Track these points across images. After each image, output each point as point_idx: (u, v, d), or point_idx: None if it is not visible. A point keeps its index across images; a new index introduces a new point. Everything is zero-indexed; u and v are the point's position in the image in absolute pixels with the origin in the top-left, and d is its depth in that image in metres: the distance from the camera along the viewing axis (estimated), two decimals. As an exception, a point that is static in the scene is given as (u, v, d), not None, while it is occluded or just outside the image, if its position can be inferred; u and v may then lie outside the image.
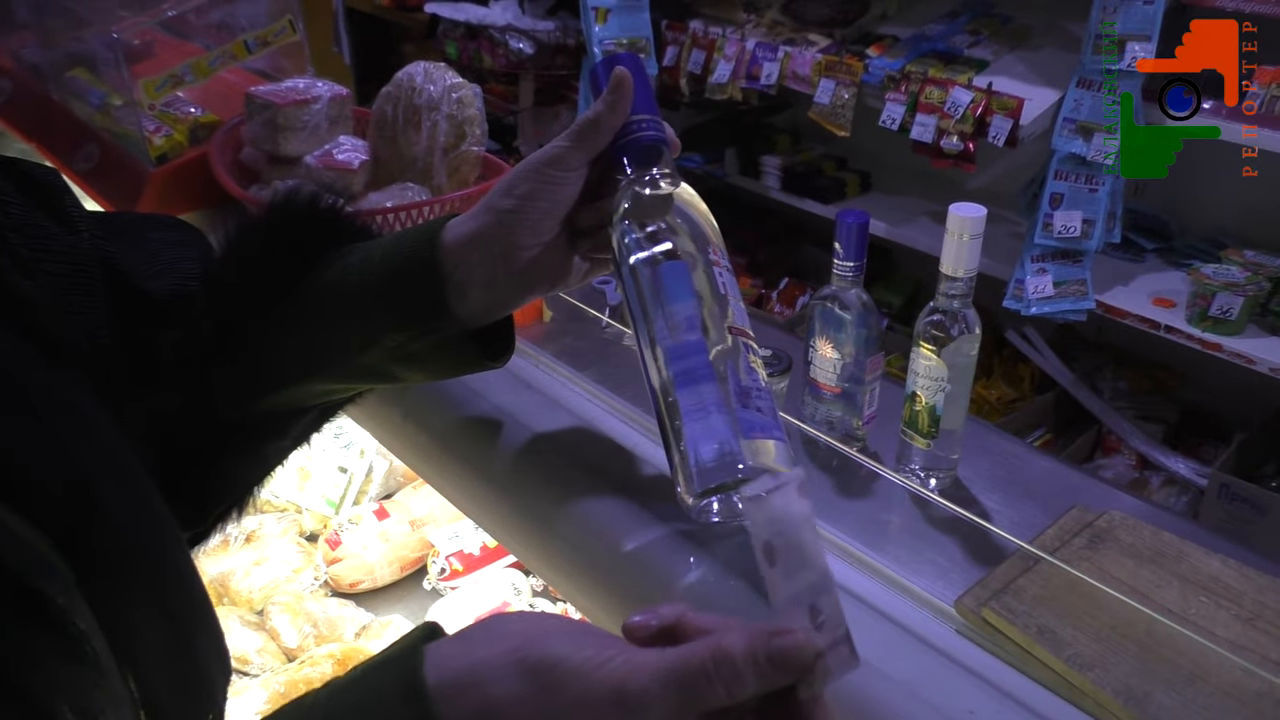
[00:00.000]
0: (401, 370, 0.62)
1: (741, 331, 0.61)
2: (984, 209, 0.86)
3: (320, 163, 0.97)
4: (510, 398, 0.68)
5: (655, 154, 0.62)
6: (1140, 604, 0.76)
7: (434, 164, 0.91)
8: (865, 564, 0.80)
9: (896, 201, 2.40)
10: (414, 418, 0.70)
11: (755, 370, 0.61)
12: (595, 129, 0.60)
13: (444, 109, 0.91)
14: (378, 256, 0.61)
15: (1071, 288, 1.82)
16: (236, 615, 1.13)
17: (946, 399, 0.89)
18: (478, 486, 0.66)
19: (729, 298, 0.61)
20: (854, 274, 0.93)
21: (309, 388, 0.63)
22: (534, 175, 0.60)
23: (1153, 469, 1.90)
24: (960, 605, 0.75)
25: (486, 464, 0.65)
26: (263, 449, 0.67)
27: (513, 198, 0.60)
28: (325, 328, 0.61)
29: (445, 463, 0.68)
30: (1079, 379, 2.06)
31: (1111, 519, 0.85)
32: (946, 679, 0.64)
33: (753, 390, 0.58)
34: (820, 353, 0.96)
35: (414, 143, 0.90)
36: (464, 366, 0.64)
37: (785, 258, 2.84)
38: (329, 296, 0.61)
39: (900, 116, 2.00)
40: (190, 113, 1.16)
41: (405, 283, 0.59)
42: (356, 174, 0.96)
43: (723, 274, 0.62)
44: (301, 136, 1.00)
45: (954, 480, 0.95)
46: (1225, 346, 1.73)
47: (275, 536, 1.26)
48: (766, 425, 0.58)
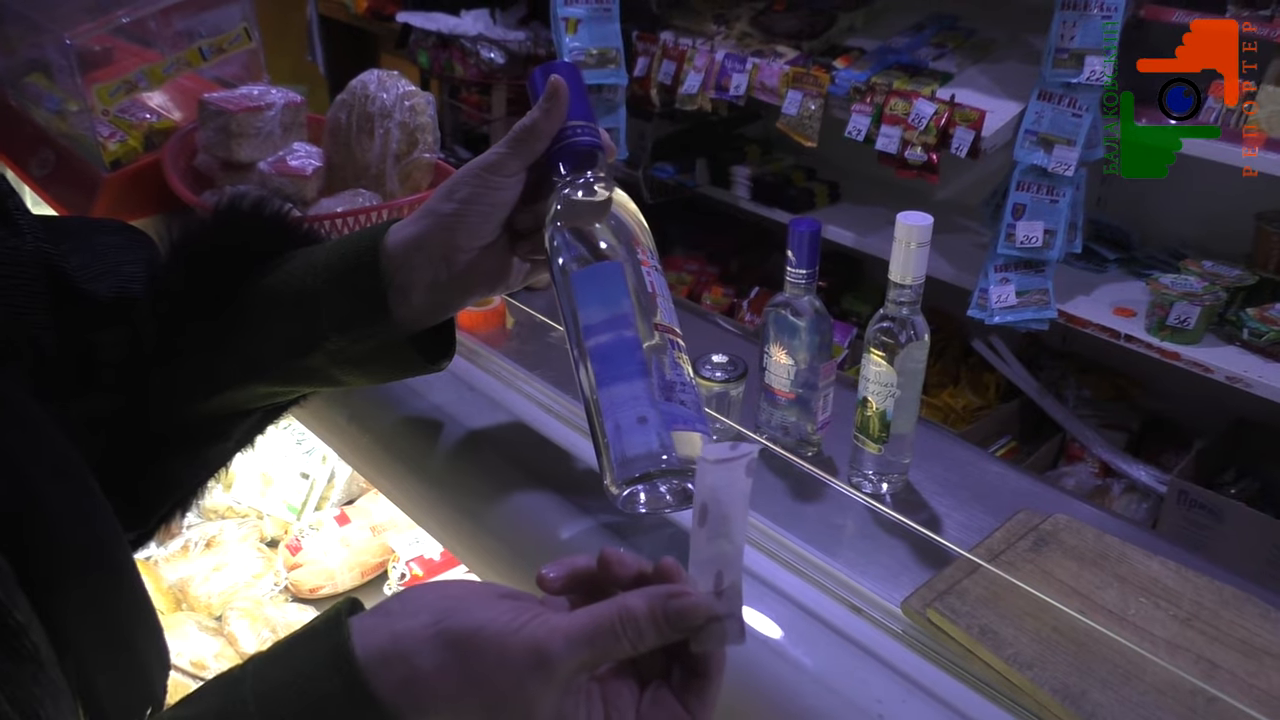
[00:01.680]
0: (342, 373, 0.63)
1: (668, 329, 0.63)
2: (930, 217, 0.87)
3: (274, 169, 0.98)
4: (452, 398, 0.69)
5: (590, 158, 0.64)
6: (1081, 605, 0.78)
7: (386, 170, 0.91)
8: (818, 567, 0.81)
9: (865, 211, 2.42)
10: (359, 420, 0.71)
11: (681, 365, 0.62)
12: (532, 135, 0.62)
13: (396, 116, 0.92)
14: (321, 261, 0.62)
15: (1034, 297, 1.84)
16: (194, 620, 1.12)
17: (897, 404, 0.90)
18: (416, 485, 0.66)
19: (657, 296, 0.63)
20: (807, 281, 0.94)
21: (250, 391, 0.64)
22: (473, 180, 0.61)
23: (1115, 476, 1.93)
24: (906, 606, 0.76)
25: (425, 463, 0.66)
26: (204, 451, 0.68)
27: (453, 202, 0.61)
28: (267, 331, 0.62)
29: (386, 463, 0.69)
30: (1044, 387, 2.08)
31: (1056, 522, 0.86)
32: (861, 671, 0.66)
33: (677, 384, 0.60)
34: (775, 359, 0.97)
35: (367, 149, 0.91)
36: (404, 370, 0.65)
37: (756, 266, 2.85)
38: (271, 300, 0.61)
39: (866, 128, 2.02)
40: (146, 119, 1.16)
41: (347, 286, 0.60)
42: (310, 180, 0.97)
43: (651, 273, 0.63)
44: (255, 143, 1.00)
45: (906, 484, 0.97)
46: (1183, 355, 1.75)
47: (236, 542, 1.25)
48: (690, 418, 0.60)
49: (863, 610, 0.79)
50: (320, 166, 1.00)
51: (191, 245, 0.63)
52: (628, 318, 0.61)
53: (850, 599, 0.79)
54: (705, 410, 0.64)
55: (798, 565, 0.83)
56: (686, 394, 0.61)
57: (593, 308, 0.61)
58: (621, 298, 0.61)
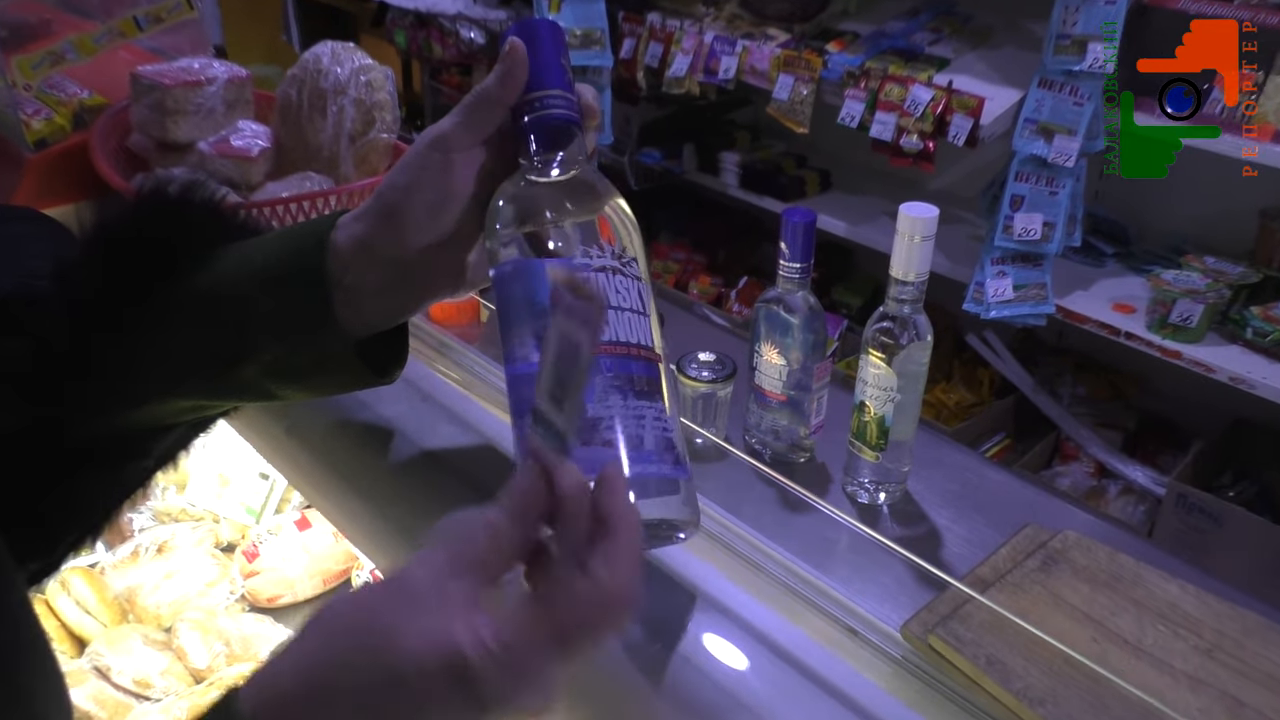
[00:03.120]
0: (278, 387, 0.55)
1: (619, 348, 0.50)
2: (936, 209, 0.81)
3: (215, 150, 0.89)
4: (403, 409, 0.61)
5: (561, 135, 0.54)
6: (1094, 633, 0.72)
7: (340, 152, 0.83)
8: (809, 583, 0.76)
9: (856, 201, 2.37)
10: (298, 433, 0.63)
11: (623, 391, 0.50)
12: (483, 105, 0.52)
13: (351, 93, 0.83)
14: (257, 258, 0.54)
15: (1031, 291, 1.79)
16: (140, 634, 1.05)
17: (896, 409, 0.84)
18: (359, 507, 0.59)
19: (612, 310, 0.51)
20: (801, 276, 0.88)
21: (173, 405, 0.56)
22: (417, 161, 0.52)
23: (1110, 477, 1.88)
24: (907, 631, 0.71)
25: (369, 484, 0.58)
26: (120, 471, 0.59)
27: (396, 190, 0.53)
28: (192, 338, 0.54)
29: (326, 482, 0.61)
30: (1039, 384, 2.03)
31: (1066, 539, 0.81)
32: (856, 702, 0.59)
33: (603, 422, 0.49)
34: (765, 359, 0.91)
35: (319, 129, 0.83)
36: (349, 383, 0.56)
37: (745, 256, 2.80)
38: (198, 303, 0.53)
39: (860, 114, 1.96)
40: (76, 95, 1.07)
41: (286, 289, 0.52)
42: (255, 162, 0.88)
43: (594, 279, 0.51)
44: (194, 121, 0.92)
45: (904, 494, 0.91)
46: (1185, 354, 1.71)
47: (189, 547, 1.18)
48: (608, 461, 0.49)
49: (859, 633, 0.73)
50: (267, 148, 0.91)
51: (106, 237, 0.54)
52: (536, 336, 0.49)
53: (845, 620, 0.73)
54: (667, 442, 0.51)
55: (787, 581, 0.77)
56: (616, 429, 0.49)
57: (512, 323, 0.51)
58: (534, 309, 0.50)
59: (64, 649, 1.08)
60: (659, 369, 0.52)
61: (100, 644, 1.03)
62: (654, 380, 0.51)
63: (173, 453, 0.61)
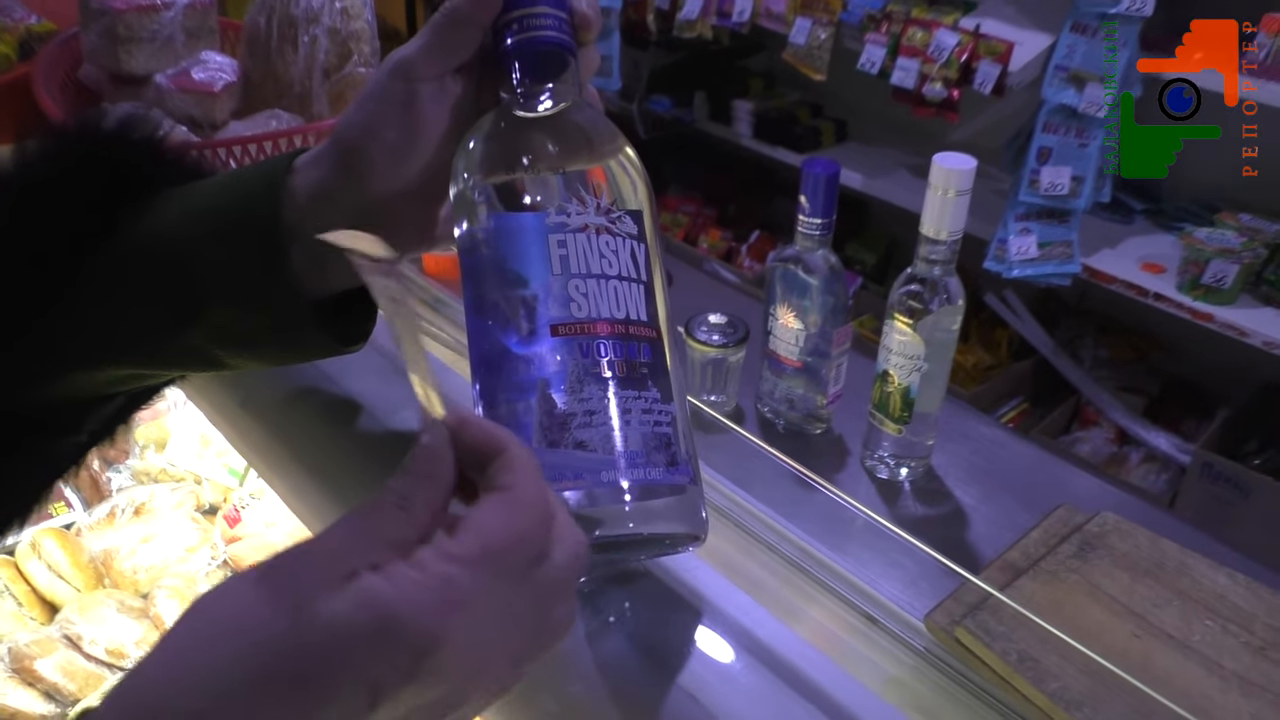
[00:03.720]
0: (227, 354, 0.48)
1: (580, 327, 0.42)
2: (972, 160, 0.74)
3: (174, 84, 0.81)
4: (374, 385, 0.54)
5: (549, 62, 0.45)
6: (1136, 628, 0.67)
7: (313, 88, 0.75)
8: (824, 565, 0.70)
9: (874, 152, 2.29)
10: (253, 407, 0.56)
11: (602, 378, 0.41)
12: (455, 25, 0.44)
13: (325, 21, 0.75)
14: (203, 205, 0.46)
15: (1057, 249, 1.72)
16: (115, 601, 1.00)
17: (923, 379, 0.78)
18: (319, 498, 0.52)
19: (576, 275, 0.42)
20: (821, 232, 0.81)
21: (107, 373, 0.49)
22: (377, 94, 0.45)
23: (1132, 444, 1.82)
24: (931, 621, 0.65)
25: (331, 470, 0.51)
26: (50, 447, 0.53)
27: (354, 128, 0.45)
28: (131, 300, 0.47)
29: (284, 464, 0.55)
30: (1059, 346, 1.96)
31: (1104, 522, 0.75)
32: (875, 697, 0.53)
33: (574, 419, 0.41)
34: (781, 322, 0.84)
35: (290, 62, 0.75)
36: (308, 351, 0.49)
37: (756, 209, 2.72)
38: (137, 258, 0.46)
39: (880, 60, 1.87)
40: (22, 20, 0.97)
41: (236, 241, 0.45)
42: (219, 98, 0.80)
43: (571, 240, 0.42)
44: (149, 51, 0.83)
45: (927, 470, 0.85)
46: (1217, 317, 1.63)
47: (168, 509, 1.13)
48: (596, 465, 0.40)
49: (878, 621, 0.67)
50: (233, 82, 0.83)
51: (24, 183, 0.47)
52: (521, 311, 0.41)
53: (864, 606, 0.68)
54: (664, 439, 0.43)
55: (800, 563, 0.71)
56: (594, 427, 0.41)
57: (476, 288, 0.43)
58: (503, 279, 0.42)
59: (34, 615, 1.03)
60: (656, 347, 0.44)
61: (72, 611, 0.98)
62: (646, 363, 0.43)
63: (110, 427, 0.54)
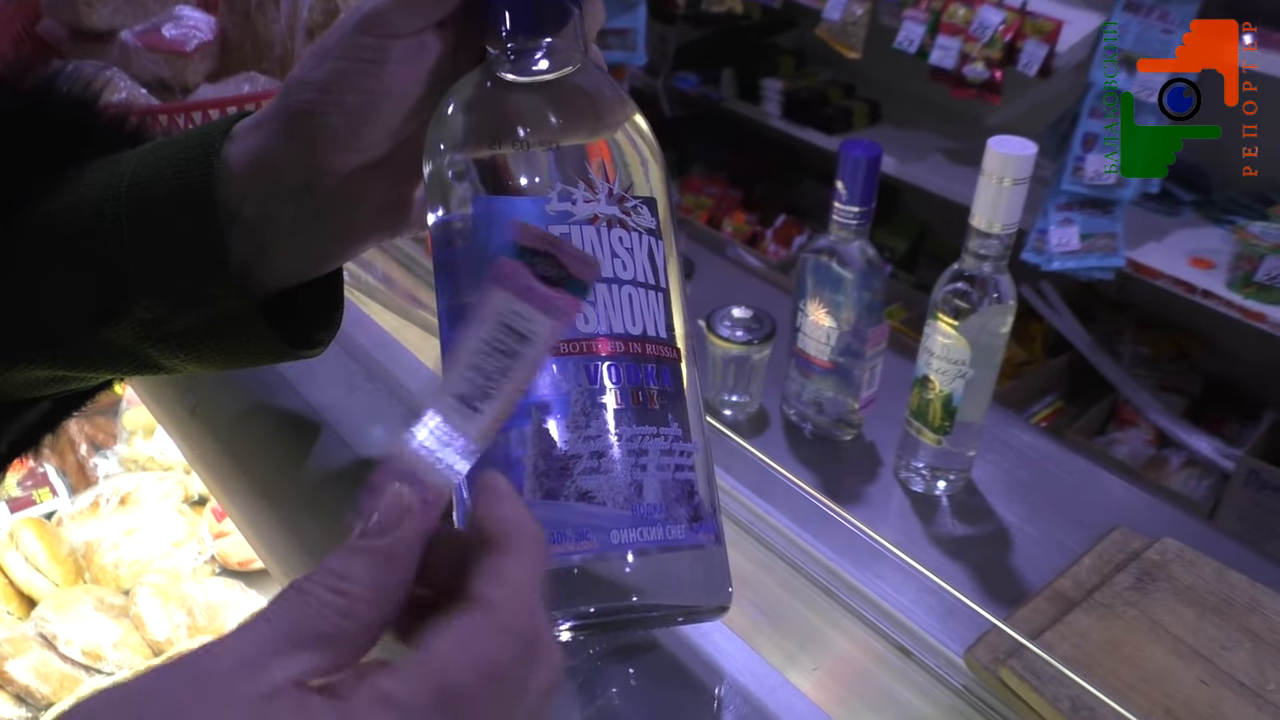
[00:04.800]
0: (163, 356, 0.41)
1: (583, 346, 0.34)
2: (1033, 146, 0.67)
3: (142, 42, 0.74)
4: (338, 394, 0.46)
5: (548, 13, 0.37)
6: (1203, 673, 0.60)
7: (294, 49, 0.69)
8: (852, 588, 0.64)
9: (906, 135, 2.21)
10: (205, 415, 0.50)
11: (614, 412, 0.34)
12: None
13: (311, -24, 0.69)
14: (126, 178, 0.39)
15: (1100, 241, 1.64)
16: (93, 598, 0.94)
17: (967, 386, 0.71)
18: (269, 525, 0.46)
19: (604, 284, 0.35)
20: (859, 221, 0.74)
21: (24, 374, 0.42)
22: (340, 50, 0.37)
23: (1171, 446, 1.74)
24: (972, 658, 0.59)
25: (285, 492, 0.45)
26: None
27: (308, 87, 0.37)
28: (41, 288, 0.40)
29: (235, 483, 0.48)
30: (1096, 342, 1.88)
31: (1165, 549, 0.68)
32: None
33: (578, 462, 0.33)
34: (811, 318, 0.77)
35: (272, 20, 0.68)
36: (257, 355, 0.42)
37: (782, 192, 2.64)
38: (53, 239, 0.40)
39: (919, 38, 1.78)
40: None
41: (165, 222, 0.38)
42: (191, 59, 0.73)
43: (576, 233, 0.35)
44: (114, 5, 0.76)
45: (967, 483, 0.78)
46: (1269, 316, 1.55)
47: (155, 500, 1.07)
48: (607, 521, 0.33)
49: (912, 654, 0.61)
50: (208, 41, 0.76)
51: None
52: None
53: (896, 636, 0.62)
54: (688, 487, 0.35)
55: (826, 583, 0.65)
56: (602, 473, 0.33)
57: (444, 291, 0.37)
58: None
59: (11, 609, 0.98)
60: (676, 371, 0.36)
61: (48, 608, 0.94)
62: (666, 390, 0.35)
63: (34, 435, 0.47)
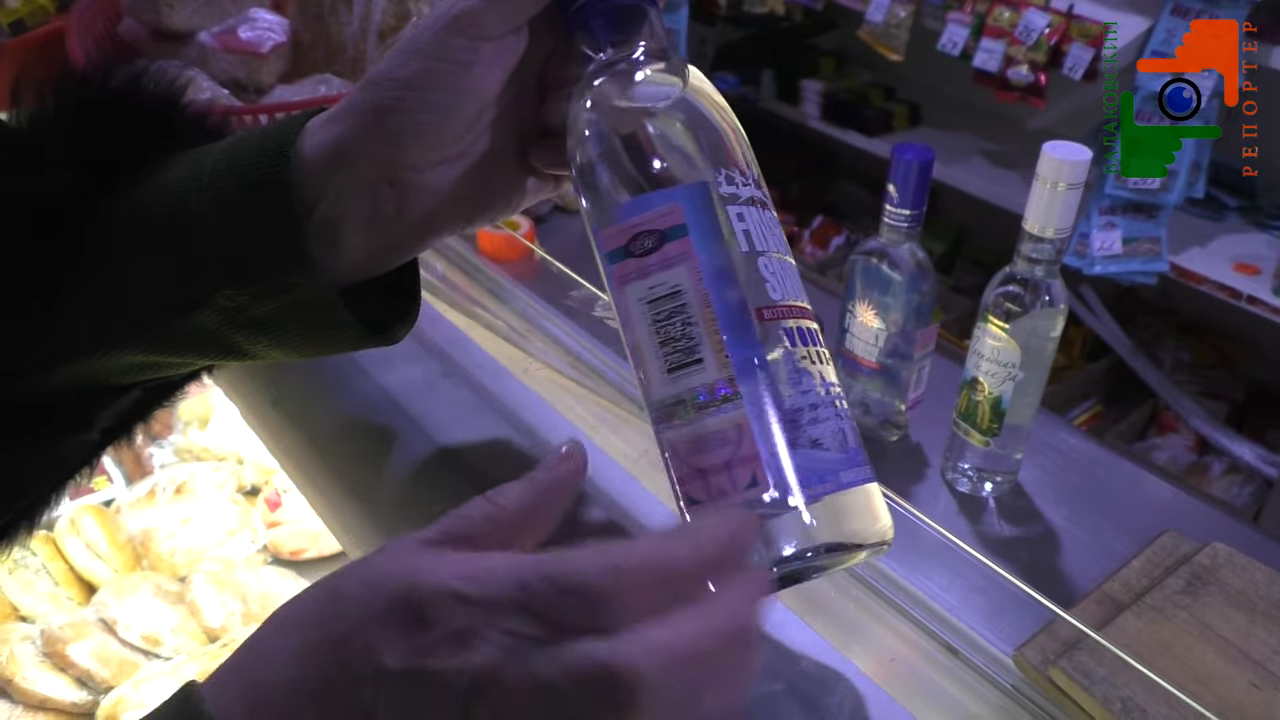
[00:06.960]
0: (248, 341, 0.42)
1: (785, 309, 0.38)
2: (1088, 151, 0.67)
3: (219, 43, 0.76)
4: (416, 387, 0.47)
5: (632, 19, 0.39)
6: (1255, 677, 0.60)
7: (366, 52, 0.70)
8: (899, 587, 0.64)
9: (946, 138, 2.20)
10: (287, 406, 0.51)
11: (808, 372, 0.37)
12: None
13: (383, -22, 0.70)
14: (207, 171, 0.40)
15: (1143, 246, 1.62)
16: (152, 584, 0.97)
17: (1016, 389, 0.71)
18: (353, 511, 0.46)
19: (762, 253, 0.38)
20: (910, 225, 0.74)
21: (116, 360, 0.43)
22: (430, 49, 0.38)
23: (1213, 453, 1.72)
24: (1020, 658, 0.60)
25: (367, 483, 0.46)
26: (56, 444, 0.47)
27: (395, 84, 0.39)
28: (133, 274, 0.41)
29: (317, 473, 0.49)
30: (1137, 347, 1.87)
31: (1215, 554, 0.68)
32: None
33: (804, 411, 0.36)
34: (860, 320, 0.78)
35: (345, 23, 0.70)
36: (338, 341, 0.43)
37: (820, 193, 2.64)
38: (139, 228, 0.41)
39: (963, 40, 1.78)
40: None
41: (245, 212, 0.39)
42: (266, 60, 0.75)
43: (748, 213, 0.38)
44: (194, 5, 0.78)
45: (1014, 486, 0.78)
46: (1316, 323, 1.53)
47: (210, 490, 1.09)
48: (836, 465, 0.36)
49: (960, 653, 0.61)
50: (282, 43, 0.78)
51: (19, 140, 0.42)
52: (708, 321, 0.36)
53: (945, 636, 0.62)
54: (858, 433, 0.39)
55: (871, 580, 0.66)
56: (821, 422, 0.37)
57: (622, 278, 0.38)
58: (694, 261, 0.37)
59: (71, 595, 1.01)
60: (818, 330, 0.40)
61: (108, 593, 0.96)
62: (823, 349, 0.40)
63: (126, 423, 0.49)
